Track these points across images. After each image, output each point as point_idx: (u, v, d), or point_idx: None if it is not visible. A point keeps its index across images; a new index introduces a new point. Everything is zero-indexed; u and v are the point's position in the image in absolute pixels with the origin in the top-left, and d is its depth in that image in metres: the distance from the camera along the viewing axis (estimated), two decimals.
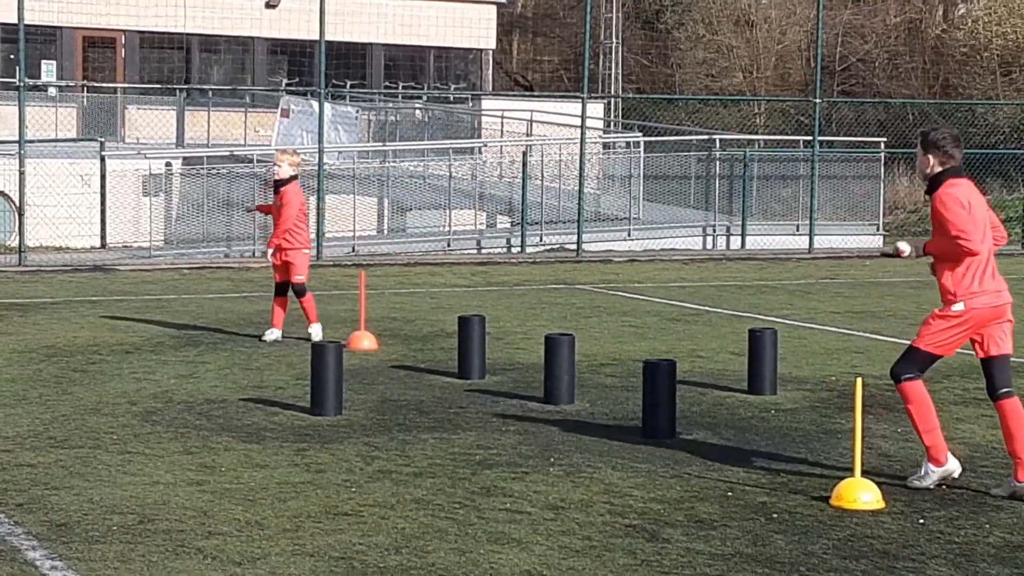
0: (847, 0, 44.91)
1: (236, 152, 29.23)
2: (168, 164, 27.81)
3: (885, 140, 32.47)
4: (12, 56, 32.09)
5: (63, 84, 34.56)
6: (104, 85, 35.02)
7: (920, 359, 8.06)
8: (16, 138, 22.92)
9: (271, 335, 13.99)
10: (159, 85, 35.29)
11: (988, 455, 9.19)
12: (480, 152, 30.78)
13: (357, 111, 31.62)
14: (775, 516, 7.64)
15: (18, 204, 23.09)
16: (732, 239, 29.13)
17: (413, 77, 39.99)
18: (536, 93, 45.42)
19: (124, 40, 36.92)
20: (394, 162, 29.35)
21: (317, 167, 24.63)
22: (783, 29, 45.64)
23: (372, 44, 38.91)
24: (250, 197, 26.44)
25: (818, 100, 28.14)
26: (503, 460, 8.90)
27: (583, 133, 26.10)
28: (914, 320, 16.02)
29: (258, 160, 27.67)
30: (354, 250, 24.38)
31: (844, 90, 44.65)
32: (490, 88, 40.90)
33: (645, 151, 29.71)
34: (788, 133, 39.89)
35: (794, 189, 30.01)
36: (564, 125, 30.36)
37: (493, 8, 40.76)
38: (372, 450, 9.14)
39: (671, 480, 8.43)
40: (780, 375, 11.67)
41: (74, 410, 10.39)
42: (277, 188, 13.84)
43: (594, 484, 8.30)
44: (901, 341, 14.46)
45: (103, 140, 28.66)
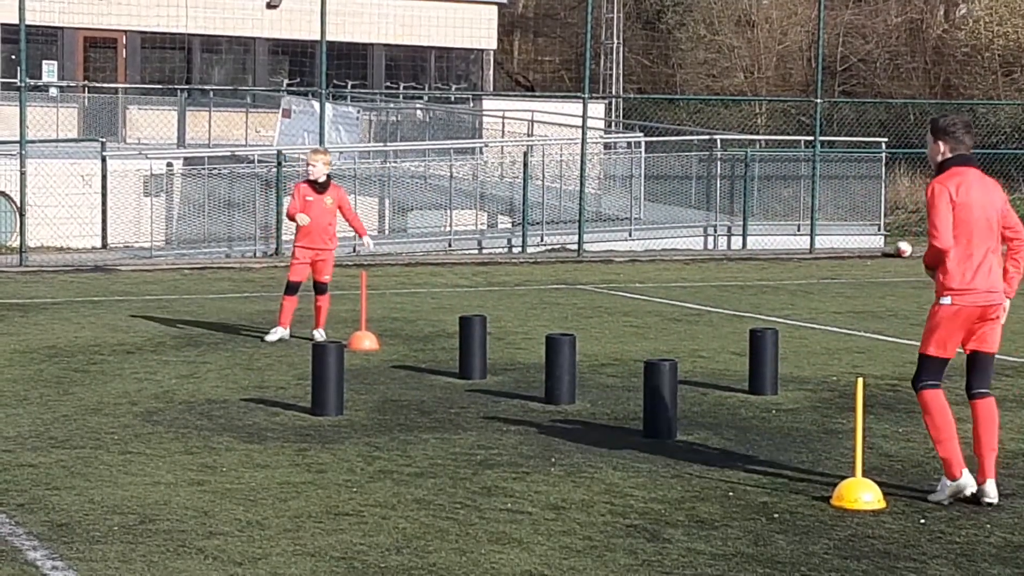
0: (848, 0, 44.90)
1: (237, 152, 29.23)
2: (169, 164, 27.80)
3: (886, 140, 32.45)
4: (13, 56, 32.10)
5: (64, 84, 34.57)
6: (105, 85, 35.02)
7: (930, 365, 7.90)
8: (17, 138, 22.92)
9: (277, 335, 13.87)
10: (160, 85, 35.29)
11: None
12: (481, 152, 30.77)
13: (358, 111, 31.62)
14: (776, 516, 7.64)
15: (19, 204, 23.09)
16: (733, 239, 29.12)
17: (414, 77, 39.99)
18: (537, 93, 45.42)
19: (125, 40, 36.92)
20: (395, 162, 29.34)
21: None
22: (784, 29, 45.64)
23: (373, 44, 38.92)
24: (251, 197, 26.45)
25: (819, 100, 28.13)
26: (504, 460, 8.90)
27: (584, 133, 26.09)
28: (915, 320, 16.02)
29: (259, 160, 27.67)
30: (355, 250, 24.37)
31: (845, 90, 44.65)
32: (491, 88, 40.90)
33: (646, 151, 29.69)
34: (789, 133, 39.87)
35: (795, 189, 29.99)
36: (565, 125, 30.35)
37: (494, 8, 40.75)
38: (373, 450, 9.14)
39: (672, 480, 8.43)
40: (781, 375, 11.67)
41: (75, 410, 10.39)
42: (319, 188, 13.80)
43: (595, 484, 8.30)
44: (902, 341, 14.47)
45: (104, 140, 28.65)
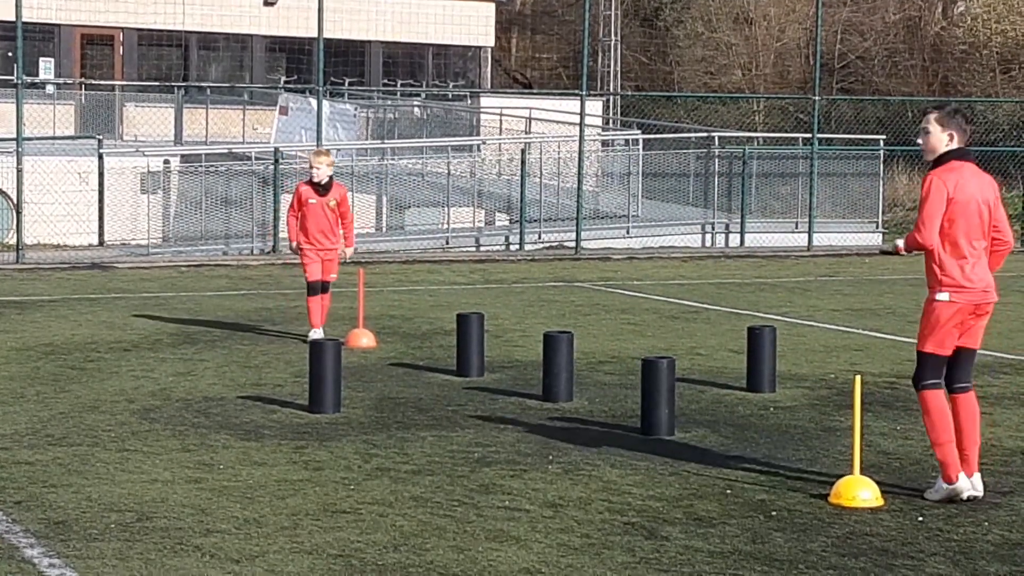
0: None
1: (234, 150, 29.21)
2: (166, 162, 27.79)
3: (884, 138, 32.46)
4: (10, 54, 32.07)
5: (61, 82, 34.55)
6: (102, 83, 35.01)
7: (930, 363, 7.84)
8: (14, 136, 22.92)
9: (314, 335, 13.63)
10: (157, 83, 35.28)
11: (987, 452, 9.17)
12: (479, 150, 30.76)
13: (356, 109, 31.61)
14: (774, 514, 7.64)
15: (16, 202, 23.07)
16: (731, 236, 29.13)
17: (412, 74, 39.98)
18: (535, 91, 45.39)
19: (122, 38, 36.90)
20: (393, 160, 29.34)
21: None
22: (782, 26, 45.63)
23: (371, 42, 38.90)
24: (248, 195, 26.44)
25: (817, 98, 28.14)
26: (502, 458, 8.89)
27: (582, 131, 26.09)
28: (913, 318, 15.99)
29: (256, 157, 27.66)
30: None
31: (843, 87, 44.64)
32: (489, 86, 40.88)
33: (644, 148, 29.70)
34: (787, 131, 39.86)
35: (793, 186, 30.00)
36: (563, 123, 30.35)
37: (492, 5, 40.75)
38: (370, 448, 9.13)
39: (670, 478, 8.42)
40: (779, 373, 11.66)
41: (72, 408, 10.38)
42: (321, 191, 13.71)
43: (593, 482, 8.29)
44: (900, 339, 14.47)
45: (101, 138, 28.65)
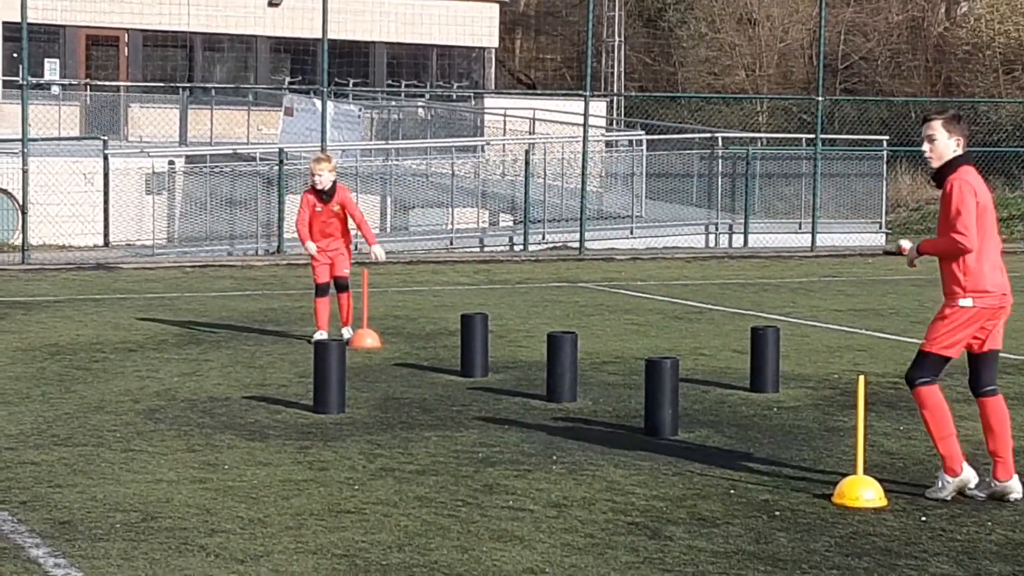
0: None
1: (239, 150, 29.24)
2: (171, 162, 27.82)
3: (888, 138, 32.46)
4: (15, 55, 32.11)
5: (66, 83, 34.58)
6: (107, 83, 35.05)
7: (932, 362, 7.85)
8: (19, 136, 22.93)
9: (318, 336, 13.56)
10: (162, 83, 35.32)
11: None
12: (483, 150, 30.78)
13: (360, 109, 31.63)
14: (777, 514, 7.65)
15: (21, 202, 23.09)
16: (735, 237, 29.12)
17: (416, 75, 40.00)
18: (539, 91, 45.42)
19: (127, 39, 36.94)
20: (397, 160, 29.36)
21: None
22: (785, 27, 45.62)
23: (375, 42, 38.93)
24: (253, 196, 26.46)
25: (820, 98, 28.13)
26: (506, 458, 8.90)
27: (586, 131, 26.09)
28: (916, 318, 16.03)
29: (261, 158, 27.68)
30: (356, 248, 24.37)
31: (847, 88, 44.63)
32: (493, 86, 40.90)
33: (648, 149, 29.71)
34: (791, 131, 39.87)
35: (797, 187, 30.00)
36: (567, 123, 30.36)
37: (496, 6, 40.76)
38: (375, 448, 9.15)
39: (673, 478, 8.44)
40: (782, 373, 11.67)
41: (77, 408, 10.40)
42: (325, 198, 13.69)
43: (596, 482, 8.31)
44: (904, 339, 14.47)
45: (106, 138, 28.65)
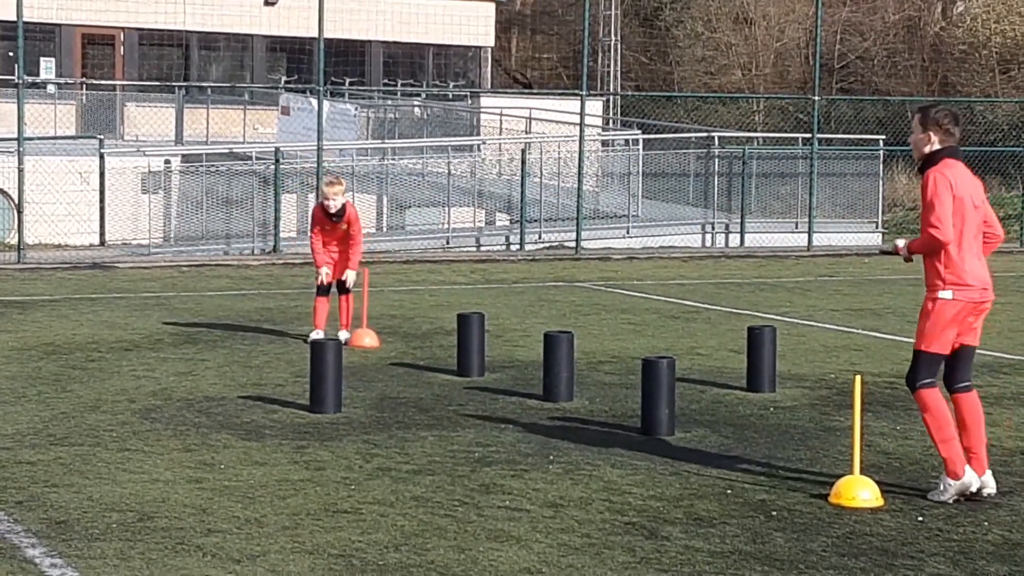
0: None
1: (235, 150, 29.23)
2: (167, 161, 27.81)
3: (884, 138, 32.46)
4: (11, 53, 32.08)
5: (62, 81, 34.56)
6: (103, 82, 35.04)
7: (928, 362, 7.84)
8: (15, 135, 22.92)
9: (314, 335, 13.51)
10: (158, 82, 35.30)
11: (987, 452, 9.19)
12: (479, 150, 30.77)
13: (356, 108, 31.63)
14: (774, 514, 7.65)
15: (17, 201, 23.08)
16: (731, 236, 29.14)
17: (412, 74, 40.00)
18: (535, 91, 45.42)
19: (123, 37, 36.92)
20: (393, 160, 29.36)
21: (316, 165, 24.65)
22: (782, 27, 45.65)
23: (371, 41, 38.92)
24: (249, 195, 26.45)
25: (817, 98, 28.14)
26: (502, 458, 8.90)
27: (582, 131, 26.10)
28: (913, 318, 15.95)
29: (257, 157, 27.68)
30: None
31: (843, 88, 44.66)
32: (489, 86, 40.90)
33: (644, 148, 29.71)
34: (787, 131, 39.88)
35: (793, 186, 30.01)
36: (563, 123, 30.36)
37: (492, 5, 40.77)
38: (371, 448, 9.15)
39: (670, 478, 8.44)
40: (779, 373, 11.67)
41: (73, 408, 10.39)
42: (335, 219, 13.67)
43: (593, 482, 8.30)
44: (900, 339, 14.48)
45: (102, 137, 28.66)
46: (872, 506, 7.77)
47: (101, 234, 26.28)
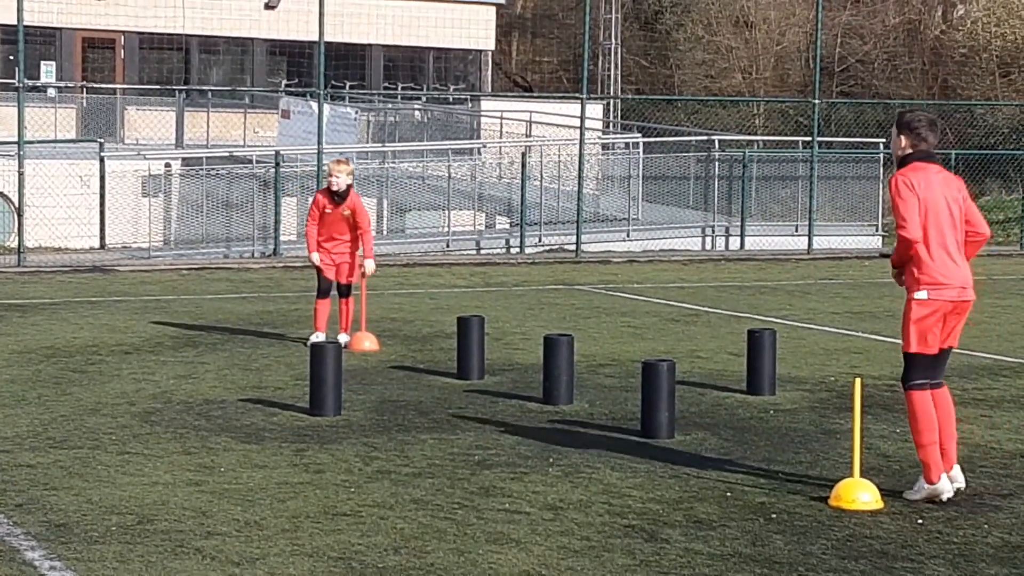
0: (846, 1, 44.92)
1: (235, 153, 29.24)
2: (167, 165, 27.84)
3: (884, 141, 32.44)
4: (11, 57, 32.11)
5: (62, 85, 34.57)
6: (103, 86, 35.04)
7: (917, 363, 7.91)
8: (15, 139, 22.92)
9: (314, 338, 13.46)
10: (158, 86, 35.30)
11: (987, 455, 9.20)
12: (479, 153, 30.79)
13: (356, 112, 31.64)
14: (774, 516, 7.65)
15: (17, 205, 23.09)
16: (731, 240, 29.14)
17: (412, 78, 40.01)
18: (535, 94, 45.43)
19: (123, 41, 36.94)
20: (393, 163, 29.37)
21: (316, 168, 24.66)
22: (782, 30, 45.67)
23: (371, 45, 38.93)
24: (249, 198, 26.46)
25: (817, 101, 28.15)
26: (502, 460, 8.90)
27: (582, 134, 26.10)
28: None
29: (257, 161, 27.68)
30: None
31: (843, 91, 44.66)
32: (489, 89, 40.92)
33: (644, 152, 29.72)
34: (787, 134, 39.89)
35: (793, 190, 30.02)
36: (563, 126, 30.37)
37: (492, 9, 40.78)
38: (371, 450, 9.15)
39: (670, 480, 8.44)
40: (779, 375, 11.67)
41: (73, 411, 10.39)
42: (337, 199, 13.67)
43: (593, 484, 8.30)
44: (900, 342, 14.45)
45: (102, 141, 28.67)
46: (872, 509, 7.77)
47: (101, 237, 26.29)
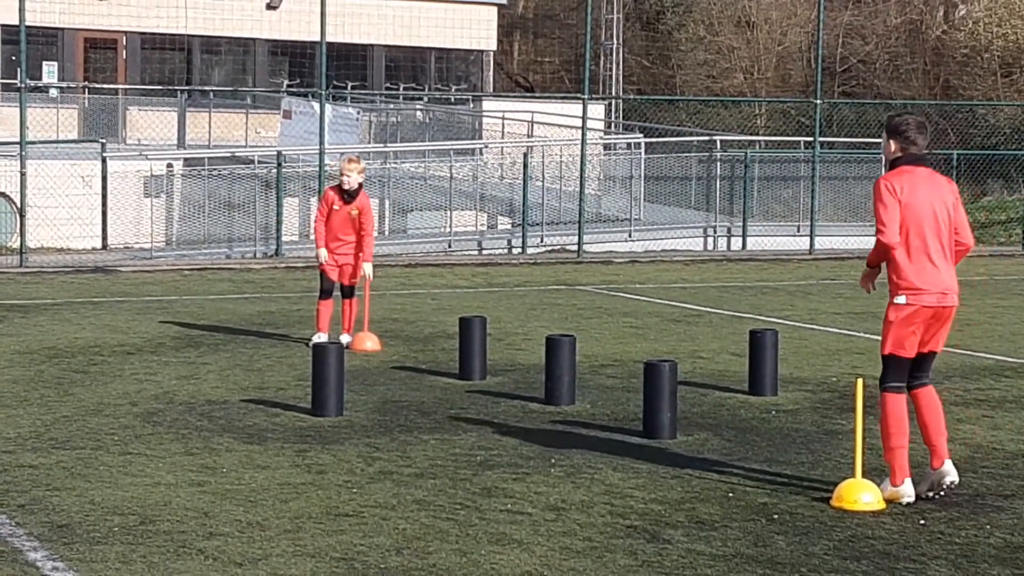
0: (848, 1, 44.90)
1: (237, 153, 29.25)
2: (169, 165, 27.83)
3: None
4: (14, 57, 32.11)
5: (64, 85, 34.58)
6: (105, 86, 35.03)
7: (893, 365, 7.93)
8: (17, 139, 22.92)
9: (317, 338, 13.46)
10: (160, 86, 35.31)
11: (988, 456, 9.20)
12: (481, 153, 30.79)
13: (358, 112, 31.64)
14: (776, 517, 7.65)
15: (19, 205, 23.09)
16: (733, 240, 29.13)
17: (414, 78, 40.01)
18: (537, 94, 45.43)
19: (125, 41, 36.94)
20: (395, 163, 29.37)
21: (318, 169, 24.66)
22: (784, 30, 45.65)
23: (373, 45, 38.93)
24: (251, 198, 26.46)
25: (819, 101, 28.13)
26: (504, 461, 8.90)
27: (584, 134, 26.10)
28: None
29: (259, 161, 27.69)
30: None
31: (845, 91, 44.65)
32: (491, 89, 40.91)
33: (646, 152, 29.72)
34: (789, 134, 39.89)
35: (795, 190, 30.02)
36: (565, 126, 30.37)
37: (494, 9, 40.77)
38: (373, 451, 9.15)
39: (672, 481, 8.44)
40: (781, 376, 11.67)
41: (75, 411, 10.39)
42: (347, 198, 13.65)
43: (595, 485, 8.30)
44: None
45: (104, 141, 28.67)
46: (874, 509, 7.77)
47: (103, 238, 26.29)
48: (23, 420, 10.04)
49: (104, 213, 26.28)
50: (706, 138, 31.57)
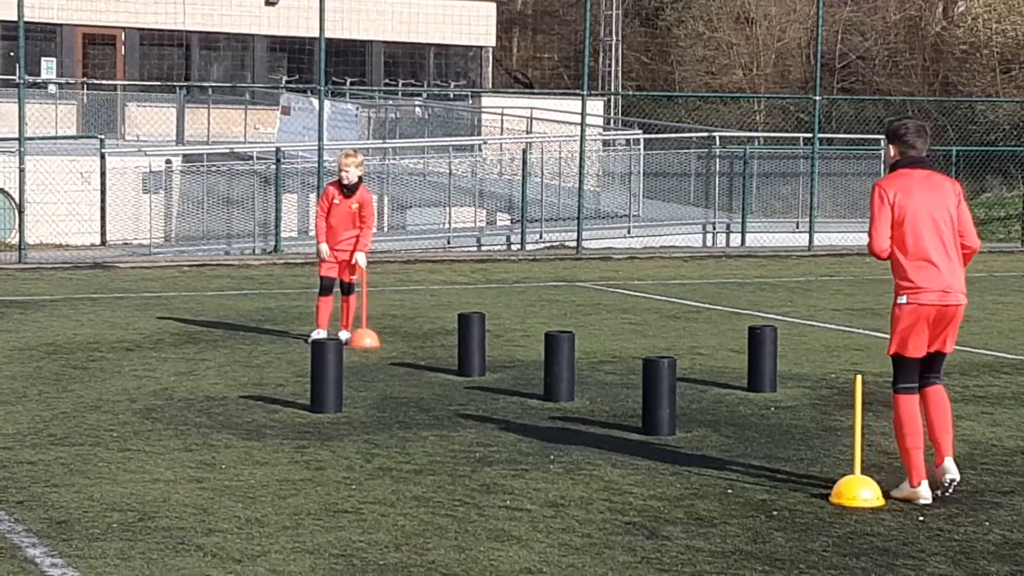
0: None
1: (236, 149, 29.25)
2: (168, 161, 27.82)
3: (885, 137, 32.41)
4: (12, 53, 32.08)
5: (63, 81, 34.56)
6: (104, 82, 35.03)
7: (903, 366, 7.94)
8: (16, 135, 22.91)
9: (316, 335, 13.44)
10: (159, 82, 35.29)
11: (988, 452, 9.21)
12: (480, 149, 30.77)
13: (357, 108, 31.63)
14: (775, 513, 7.65)
15: (18, 201, 23.09)
16: (732, 236, 29.13)
17: (413, 74, 39.99)
18: (536, 90, 45.41)
19: (124, 37, 36.92)
20: (394, 159, 29.36)
21: (317, 165, 24.66)
22: (783, 26, 45.64)
23: (372, 41, 38.92)
24: (250, 195, 26.46)
25: (818, 97, 28.13)
26: (503, 457, 8.90)
27: (583, 130, 26.10)
28: None
29: (258, 157, 27.69)
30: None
31: (844, 87, 44.65)
32: (490, 85, 40.89)
33: (645, 148, 29.71)
34: (788, 130, 39.89)
35: (794, 186, 30.01)
36: (564, 122, 30.36)
37: (493, 5, 40.76)
38: (372, 447, 9.15)
39: (671, 477, 8.44)
40: (780, 372, 11.67)
41: (74, 407, 10.39)
42: (347, 192, 13.65)
43: (594, 481, 8.30)
44: None
45: (103, 137, 28.67)
46: (873, 506, 7.77)
47: (102, 234, 26.28)
48: (22, 416, 10.04)
49: (103, 209, 26.27)
50: (705, 134, 31.57)
